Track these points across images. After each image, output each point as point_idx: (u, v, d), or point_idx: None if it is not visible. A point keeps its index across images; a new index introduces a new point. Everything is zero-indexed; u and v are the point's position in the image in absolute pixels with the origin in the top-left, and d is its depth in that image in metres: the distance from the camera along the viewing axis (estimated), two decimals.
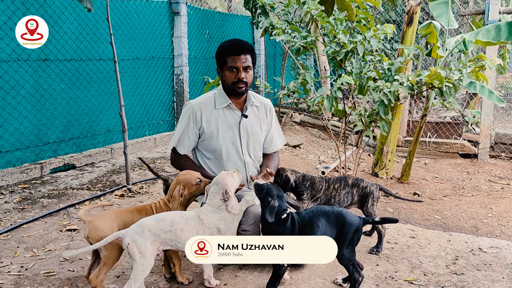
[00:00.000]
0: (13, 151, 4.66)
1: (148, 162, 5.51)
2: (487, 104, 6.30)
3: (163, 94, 6.73)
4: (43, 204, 3.98)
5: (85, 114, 5.44)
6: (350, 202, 3.09)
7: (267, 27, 5.99)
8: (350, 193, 3.07)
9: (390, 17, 9.01)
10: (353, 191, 3.07)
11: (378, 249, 3.07)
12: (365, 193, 3.07)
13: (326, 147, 7.11)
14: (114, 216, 2.45)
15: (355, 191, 3.07)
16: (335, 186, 3.07)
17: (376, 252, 3.05)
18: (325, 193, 3.05)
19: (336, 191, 3.06)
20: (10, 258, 2.96)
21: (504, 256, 3.03)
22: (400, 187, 5.16)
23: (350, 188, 3.08)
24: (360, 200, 3.10)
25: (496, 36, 4.87)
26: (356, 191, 3.08)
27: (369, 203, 3.06)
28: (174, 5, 6.65)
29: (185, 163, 2.82)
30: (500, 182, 5.44)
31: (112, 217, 2.44)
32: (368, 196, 3.06)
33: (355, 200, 3.09)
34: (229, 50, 2.69)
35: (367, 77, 4.41)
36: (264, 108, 2.96)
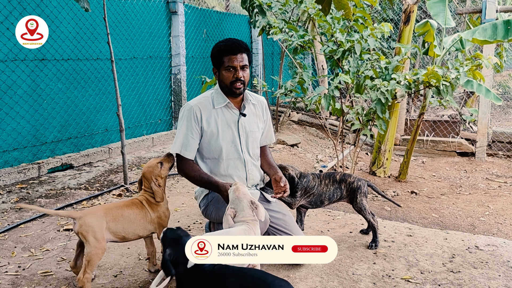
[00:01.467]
0: (10, 151, 4.66)
1: (146, 161, 5.51)
2: (485, 102, 6.31)
3: (161, 94, 6.73)
4: (41, 204, 3.98)
5: (83, 114, 5.44)
6: (339, 197, 3.17)
7: (265, 26, 5.99)
8: (339, 188, 3.15)
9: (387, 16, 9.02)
10: (341, 186, 3.15)
11: (375, 243, 3.12)
12: (353, 188, 3.14)
13: (324, 146, 7.12)
14: (103, 212, 2.48)
15: (343, 186, 3.15)
16: (326, 181, 3.16)
17: (374, 247, 3.09)
18: (318, 189, 3.13)
19: (326, 187, 3.14)
20: (7, 258, 2.96)
21: (500, 254, 3.05)
22: (397, 186, 5.17)
23: (338, 183, 3.16)
24: (348, 195, 3.17)
25: (492, 35, 4.89)
26: (344, 186, 3.15)
27: (357, 198, 3.12)
28: (172, 4, 6.65)
29: (191, 169, 2.73)
30: (498, 180, 5.46)
31: (101, 214, 2.47)
32: (356, 191, 3.13)
33: (344, 195, 3.17)
34: (225, 49, 2.69)
35: (364, 76, 4.42)
36: (260, 106, 2.97)
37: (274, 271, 2.73)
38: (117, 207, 2.57)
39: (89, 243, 2.37)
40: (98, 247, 2.38)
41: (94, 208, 2.59)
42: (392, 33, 8.00)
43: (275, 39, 5.20)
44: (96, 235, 2.38)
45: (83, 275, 2.36)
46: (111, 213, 2.51)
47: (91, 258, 2.37)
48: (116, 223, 2.49)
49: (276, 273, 2.70)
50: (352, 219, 3.74)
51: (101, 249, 2.40)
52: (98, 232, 2.40)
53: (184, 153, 2.71)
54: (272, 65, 9.87)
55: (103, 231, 2.43)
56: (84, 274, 2.36)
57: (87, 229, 2.38)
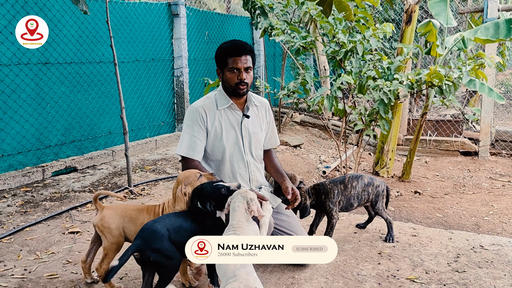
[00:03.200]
0: (15, 155, 4.68)
1: (150, 164, 5.52)
2: (487, 101, 6.31)
3: (164, 96, 6.75)
4: (46, 207, 3.99)
5: (86, 117, 5.46)
6: (366, 201, 3.20)
7: (266, 27, 6.00)
8: (366, 191, 3.17)
9: (389, 16, 9.02)
10: (368, 189, 3.17)
11: (392, 237, 3.21)
12: (378, 192, 3.19)
13: (327, 147, 7.12)
14: (121, 211, 2.52)
15: (370, 189, 3.18)
16: (353, 184, 3.15)
17: (392, 241, 3.20)
18: (344, 194, 3.12)
19: (354, 189, 3.15)
20: (13, 261, 2.98)
21: (505, 253, 3.04)
22: (401, 186, 5.17)
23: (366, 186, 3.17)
24: (374, 199, 3.21)
25: (495, 34, 4.88)
26: (371, 189, 3.18)
27: (379, 201, 3.19)
28: (173, 7, 6.67)
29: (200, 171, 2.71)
30: (501, 180, 5.45)
31: (119, 212, 2.51)
32: (380, 194, 3.19)
33: (371, 198, 3.20)
34: (229, 51, 2.69)
35: (366, 76, 4.42)
36: (263, 108, 2.97)
37: (279, 272, 2.74)
38: (136, 210, 2.57)
39: (106, 238, 2.45)
40: (114, 242, 2.45)
41: (115, 205, 2.64)
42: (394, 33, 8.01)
43: (277, 40, 5.21)
44: (112, 232, 2.45)
45: (101, 267, 2.46)
46: (128, 214, 2.53)
47: (108, 252, 2.46)
48: (131, 225, 2.51)
49: (281, 274, 2.71)
50: (356, 219, 3.74)
51: (117, 244, 2.47)
52: (115, 230, 2.45)
53: (192, 155, 2.70)
54: (274, 66, 9.87)
55: (120, 229, 2.48)
56: (101, 265, 2.46)
57: (103, 223, 2.45)
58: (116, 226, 2.46)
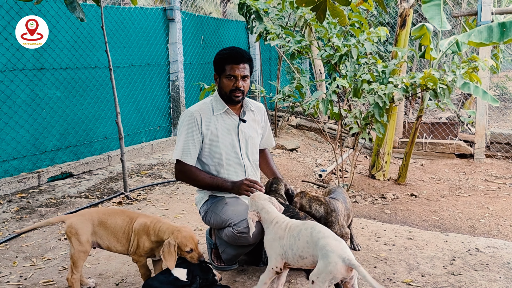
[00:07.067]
0: (10, 161, 4.66)
1: (146, 168, 5.52)
2: (482, 104, 6.34)
3: (159, 101, 6.75)
4: (41, 213, 3.98)
5: (82, 122, 5.45)
6: None
7: (262, 32, 6.02)
8: None
9: (384, 20, 9.06)
10: None
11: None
12: None
13: (323, 150, 7.13)
14: (90, 216, 2.50)
15: None
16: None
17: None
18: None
19: None
20: (9, 268, 2.96)
21: (501, 256, 3.05)
22: (397, 189, 5.19)
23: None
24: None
25: (488, 37, 4.92)
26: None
27: None
28: (169, 11, 6.68)
29: (198, 174, 2.73)
30: (497, 182, 5.47)
31: (88, 217, 2.48)
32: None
33: None
34: (228, 58, 2.71)
35: (361, 79, 4.44)
36: (260, 113, 2.99)
37: None
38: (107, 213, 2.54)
39: (73, 246, 2.41)
40: (80, 250, 2.41)
41: (84, 210, 2.60)
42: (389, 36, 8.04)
43: (272, 44, 5.23)
44: (79, 238, 2.40)
45: (71, 276, 2.42)
46: (99, 217, 2.49)
47: (75, 260, 2.41)
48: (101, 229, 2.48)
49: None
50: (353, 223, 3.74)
51: (84, 252, 2.42)
52: (82, 236, 2.41)
53: (185, 159, 2.72)
54: (270, 70, 9.90)
55: (88, 235, 2.44)
56: (71, 275, 2.42)
57: (71, 230, 2.42)
58: (84, 232, 2.41)
